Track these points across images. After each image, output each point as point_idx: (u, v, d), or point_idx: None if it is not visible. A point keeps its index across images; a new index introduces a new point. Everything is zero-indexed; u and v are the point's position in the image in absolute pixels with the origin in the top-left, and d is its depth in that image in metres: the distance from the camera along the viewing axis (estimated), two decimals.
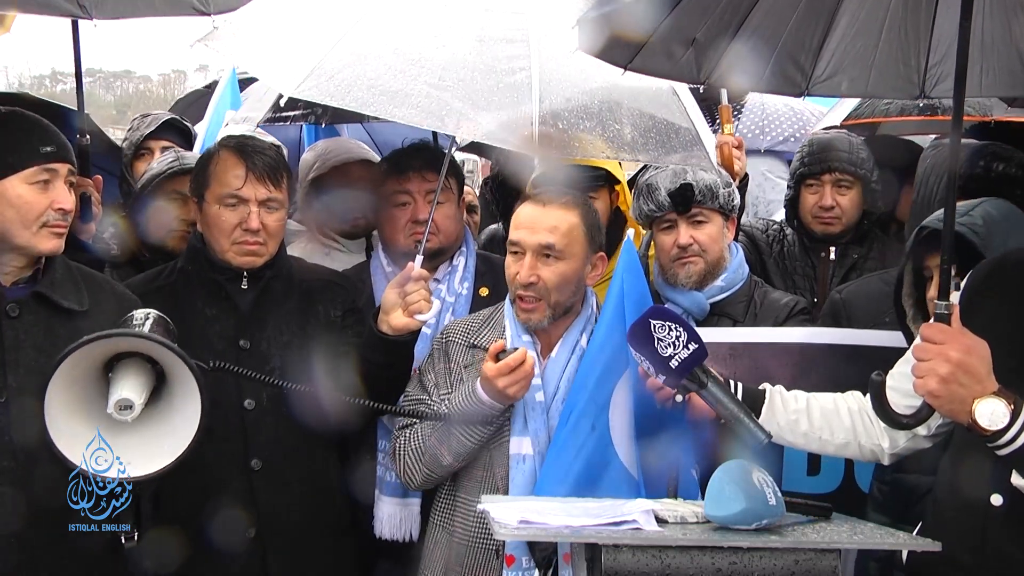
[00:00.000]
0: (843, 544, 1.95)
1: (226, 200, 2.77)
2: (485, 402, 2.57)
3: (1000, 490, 2.04)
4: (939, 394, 1.95)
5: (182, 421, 2.19)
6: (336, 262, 3.70)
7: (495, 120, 2.74)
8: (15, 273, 2.46)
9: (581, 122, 2.85)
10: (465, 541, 2.67)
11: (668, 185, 3.00)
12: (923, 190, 3.00)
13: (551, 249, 2.64)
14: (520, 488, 2.62)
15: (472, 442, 2.62)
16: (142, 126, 4.00)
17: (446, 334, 2.83)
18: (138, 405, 2.14)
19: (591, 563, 1.95)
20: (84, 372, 2.18)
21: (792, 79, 2.72)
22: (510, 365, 2.52)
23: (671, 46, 2.61)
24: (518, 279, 2.66)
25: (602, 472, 2.55)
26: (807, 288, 3.66)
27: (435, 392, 2.75)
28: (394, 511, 3.02)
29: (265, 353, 2.77)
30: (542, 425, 2.65)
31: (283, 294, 2.87)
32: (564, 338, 2.73)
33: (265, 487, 2.75)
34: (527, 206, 2.74)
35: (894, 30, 2.60)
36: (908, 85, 2.70)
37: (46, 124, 2.52)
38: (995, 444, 1.93)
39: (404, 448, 2.72)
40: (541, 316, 2.67)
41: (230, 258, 2.79)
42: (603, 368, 2.58)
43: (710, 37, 2.58)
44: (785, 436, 2.41)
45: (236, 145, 2.89)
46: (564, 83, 2.89)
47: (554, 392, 2.68)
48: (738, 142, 3.59)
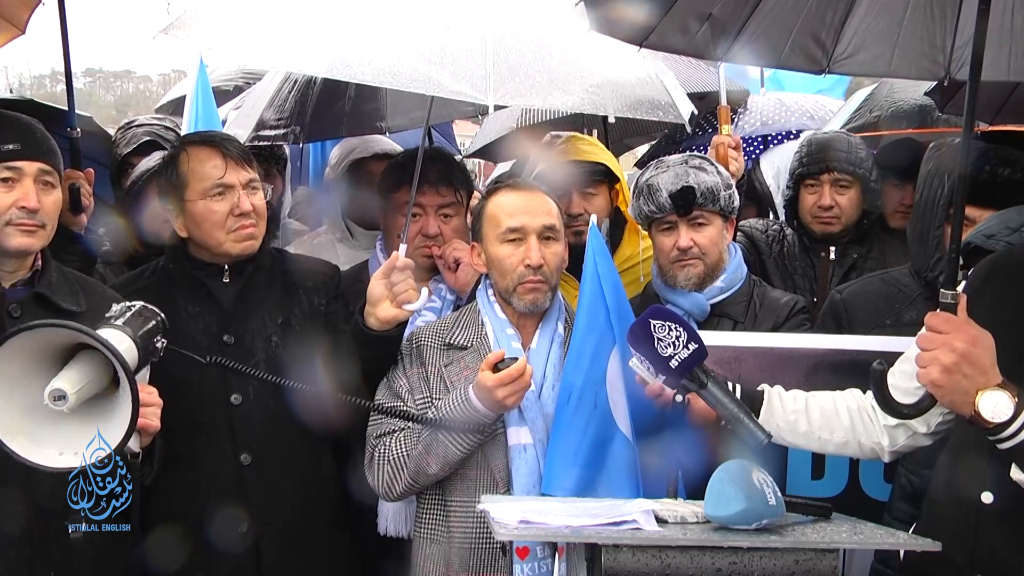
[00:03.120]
0: (843, 544, 1.94)
1: (211, 192, 2.76)
2: (480, 410, 2.54)
3: (991, 488, 2.03)
4: (942, 384, 1.94)
5: (120, 409, 2.11)
6: (340, 256, 3.73)
7: (448, 74, 2.73)
8: (11, 275, 2.48)
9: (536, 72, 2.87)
10: (467, 544, 2.63)
11: (669, 187, 2.99)
12: (927, 191, 2.99)
13: (552, 231, 2.71)
14: (524, 478, 2.60)
15: (462, 451, 2.58)
16: (122, 143, 3.97)
17: (416, 339, 2.78)
18: (71, 395, 2.07)
19: (591, 563, 1.95)
20: (36, 363, 2.11)
21: (813, 56, 2.69)
22: (512, 375, 2.49)
23: (687, 20, 2.58)
24: (528, 262, 2.66)
25: (608, 447, 2.55)
26: (807, 288, 3.66)
27: (409, 398, 2.70)
28: (398, 507, 3.02)
29: (250, 347, 2.77)
30: (537, 413, 2.64)
31: (266, 286, 2.86)
32: (542, 327, 2.74)
33: (256, 481, 2.74)
34: (508, 194, 2.76)
35: (919, 9, 2.57)
36: (933, 66, 2.66)
37: (13, 122, 2.51)
38: (997, 437, 1.92)
39: (384, 457, 2.65)
40: (545, 297, 2.70)
41: (228, 248, 2.78)
42: (594, 347, 2.58)
43: (727, 12, 2.55)
44: (785, 437, 2.41)
45: (201, 139, 2.90)
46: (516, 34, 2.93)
47: (542, 379, 2.68)
48: (735, 143, 3.60)
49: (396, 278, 2.70)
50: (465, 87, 2.71)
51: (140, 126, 4.08)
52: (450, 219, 3.23)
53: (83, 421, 2.12)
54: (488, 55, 2.76)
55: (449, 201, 3.24)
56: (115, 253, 3.46)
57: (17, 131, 2.48)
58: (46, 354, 2.13)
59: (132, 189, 3.52)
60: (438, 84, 2.73)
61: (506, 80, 2.76)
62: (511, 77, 2.79)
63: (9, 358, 2.07)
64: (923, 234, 3.01)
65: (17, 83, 34.69)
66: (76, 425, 2.12)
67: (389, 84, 2.85)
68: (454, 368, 2.70)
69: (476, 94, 2.70)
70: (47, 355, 2.13)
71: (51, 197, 2.50)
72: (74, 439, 2.11)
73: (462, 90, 2.72)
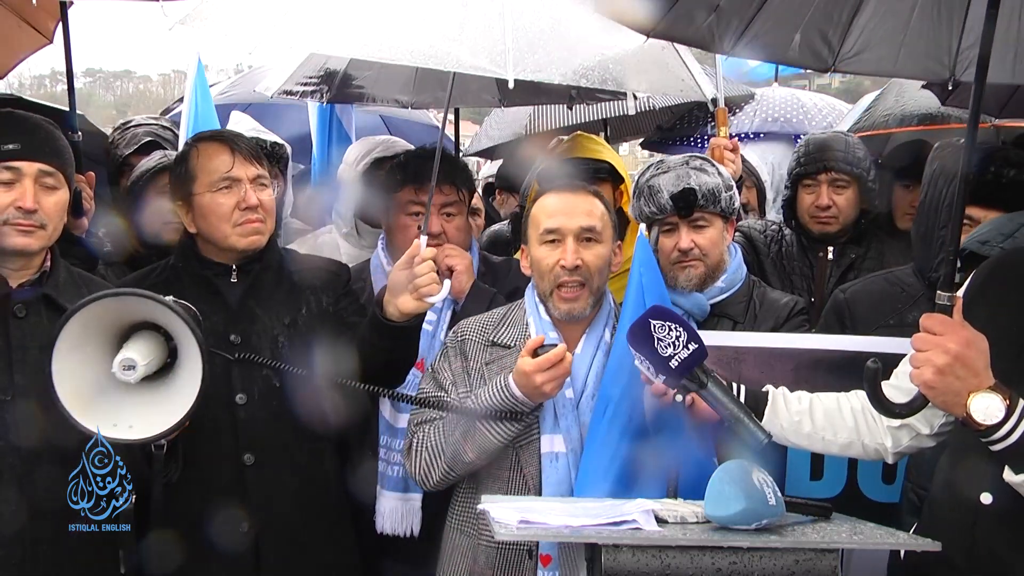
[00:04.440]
0: (843, 544, 1.94)
1: (218, 185, 2.78)
2: (519, 397, 2.52)
3: (990, 489, 2.03)
4: (934, 385, 1.95)
5: (184, 387, 2.22)
6: (343, 255, 3.73)
7: (466, 50, 2.71)
8: (18, 274, 2.48)
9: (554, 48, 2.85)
10: (495, 544, 2.61)
11: (671, 188, 2.99)
12: (931, 192, 2.99)
13: (592, 232, 2.66)
14: (554, 487, 2.58)
15: (499, 439, 2.56)
16: (122, 143, 3.96)
17: (461, 332, 2.79)
18: (141, 366, 2.17)
19: (591, 563, 1.95)
20: (96, 339, 2.21)
21: (819, 53, 2.68)
22: (551, 360, 2.47)
23: (693, 10, 2.58)
24: (563, 264, 2.63)
25: (641, 462, 2.51)
26: (804, 288, 3.66)
27: (453, 391, 2.70)
28: (395, 506, 3.03)
29: (256, 346, 2.76)
30: (573, 422, 2.62)
31: (273, 286, 2.86)
32: (588, 333, 2.71)
33: (258, 481, 2.74)
34: (552, 196, 2.74)
35: (926, 10, 2.56)
36: (939, 67, 2.65)
37: (17, 121, 2.52)
38: (989, 439, 1.92)
39: (422, 444, 2.66)
40: (584, 304, 2.65)
41: (234, 242, 2.78)
42: (634, 360, 2.53)
43: (735, 4, 2.55)
44: (788, 438, 2.41)
45: (212, 135, 2.91)
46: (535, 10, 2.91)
47: (582, 388, 2.65)
48: (732, 145, 3.60)
49: (419, 269, 2.67)
50: (484, 62, 2.68)
51: (139, 126, 4.08)
52: (452, 218, 3.23)
53: (135, 396, 2.22)
54: (507, 31, 2.73)
55: (452, 200, 3.24)
56: (115, 254, 3.47)
57: (19, 131, 2.49)
58: (101, 331, 2.21)
59: (132, 189, 3.52)
60: (457, 60, 2.69)
61: (525, 56, 2.73)
62: (530, 53, 2.76)
63: (77, 327, 2.14)
64: (927, 234, 3.01)
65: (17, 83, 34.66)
66: (131, 399, 2.22)
67: (407, 61, 2.81)
68: (495, 367, 2.69)
69: (496, 69, 2.66)
70: (102, 332, 2.21)
71: (52, 198, 2.50)
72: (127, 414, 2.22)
73: (481, 65, 2.69)
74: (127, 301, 2.25)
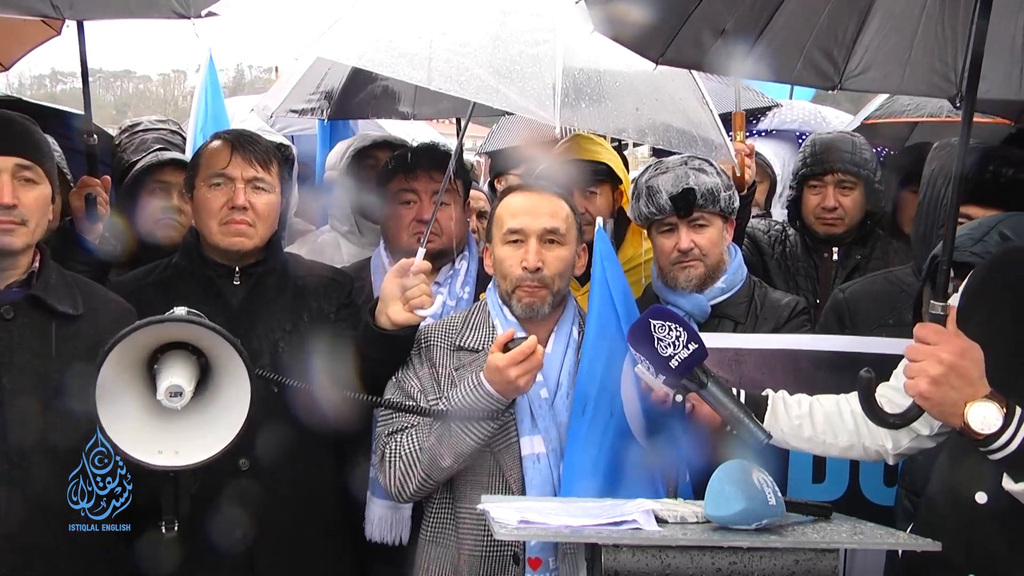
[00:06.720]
0: (843, 544, 1.94)
1: (212, 180, 2.78)
2: (492, 395, 2.48)
3: (986, 488, 2.02)
4: (929, 396, 1.93)
5: (228, 409, 2.13)
6: (344, 254, 3.72)
7: (516, 89, 2.69)
8: (5, 276, 2.41)
9: (601, 99, 2.85)
10: (478, 551, 2.58)
11: (670, 188, 2.98)
12: (930, 192, 2.99)
13: (555, 233, 2.63)
14: (538, 488, 2.55)
15: (476, 440, 2.51)
16: (130, 148, 3.85)
17: (425, 338, 2.73)
18: (187, 392, 2.08)
19: (591, 563, 1.95)
20: (129, 363, 2.12)
21: (824, 72, 2.68)
22: (524, 352, 2.43)
23: (700, 33, 2.58)
24: (525, 264, 2.60)
25: (626, 455, 2.52)
26: (809, 289, 3.65)
27: (421, 398, 2.63)
28: (385, 514, 2.97)
29: (256, 350, 2.73)
30: (551, 422, 2.59)
31: (276, 290, 2.85)
32: (557, 331, 2.68)
33: (253, 487, 2.71)
34: (517, 195, 2.71)
35: (931, 27, 2.56)
36: (945, 84, 2.64)
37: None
38: (988, 448, 1.91)
39: (395, 454, 2.58)
40: (543, 302, 2.62)
41: (218, 240, 2.77)
42: (607, 354, 2.54)
43: (740, 27, 2.56)
44: (789, 441, 2.40)
45: (226, 134, 2.91)
46: (586, 58, 2.88)
47: (555, 387, 2.63)
48: (749, 150, 3.58)
49: (410, 282, 2.65)
50: (532, 105, 2.67)
51: (148, 131, 4.00)
52: (446, 207, 3.18)
53: (177, 421, 2.12)
54: (558, 76, 2.71)
55: (445, 188, 3.20)
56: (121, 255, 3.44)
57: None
58: (135, 356, 2.12)
59: (125, 188, 3.49)
60: (505, 98, 2.68)
61: (573, 104, 2.73)
62: (577, 100, 2.76)
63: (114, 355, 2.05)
64: (926, 234, 3.00)
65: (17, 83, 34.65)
66: (173, 424, 2.12)
67: (455, 92, 2.75)
68: (465, 372, 2.64)
69: (543, 113, 2.65)
70: (136, 356, 2.13)
71: (33, 193, 2.40)
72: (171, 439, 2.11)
73: (528, 107, 2.68)
74: (170, 327, 2.14)
